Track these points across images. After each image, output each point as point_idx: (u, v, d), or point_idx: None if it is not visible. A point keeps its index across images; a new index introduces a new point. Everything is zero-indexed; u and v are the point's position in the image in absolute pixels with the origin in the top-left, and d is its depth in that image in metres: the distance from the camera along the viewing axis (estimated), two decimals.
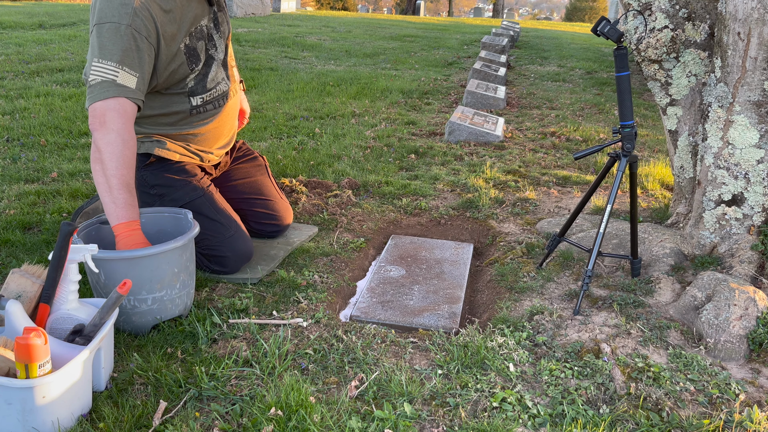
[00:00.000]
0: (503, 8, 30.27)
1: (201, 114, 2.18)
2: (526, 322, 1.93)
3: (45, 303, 1.55)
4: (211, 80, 2.17)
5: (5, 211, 2.70)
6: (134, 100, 1.86)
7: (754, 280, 2.08)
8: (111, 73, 1.82)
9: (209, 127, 2.22)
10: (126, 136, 1.82)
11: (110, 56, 1.82)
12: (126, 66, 1.84)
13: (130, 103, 1.85)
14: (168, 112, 2.10)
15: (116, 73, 1.83)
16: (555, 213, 2.92)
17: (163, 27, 1.94)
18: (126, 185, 1.80)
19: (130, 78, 1.85)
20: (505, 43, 9.26)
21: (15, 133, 3.90)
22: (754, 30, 2.04)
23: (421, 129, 4.62)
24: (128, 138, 1.83)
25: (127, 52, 1.84)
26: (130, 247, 1.78)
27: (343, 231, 2.67)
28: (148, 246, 1.80)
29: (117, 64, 1.83)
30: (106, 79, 1.82)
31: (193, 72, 2.08)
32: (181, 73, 2.04)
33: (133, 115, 1.86)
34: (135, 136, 1.86)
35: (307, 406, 1.47)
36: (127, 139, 1.82)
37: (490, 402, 1.55)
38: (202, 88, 2.14)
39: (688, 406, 1.56)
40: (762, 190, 2.18)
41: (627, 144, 1.98)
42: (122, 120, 1.82)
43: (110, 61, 1.82)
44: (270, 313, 1.97)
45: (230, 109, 2.30)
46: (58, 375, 1.32)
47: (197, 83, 2.12)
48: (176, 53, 2.01)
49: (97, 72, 1.82)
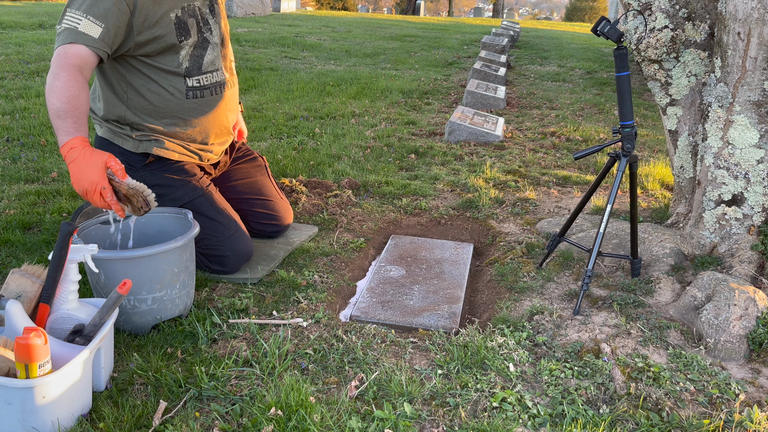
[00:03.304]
0: (503, 8, 30.27)
1: (197, 99, 2.16)
2: (526, 322, 1.93)
3: (45, 303, 1.55)
4: (207, 63, 2.17)
5: (5, 211, 2.70)
6: (95, 49, 1.88)
7: (754, 280, 2.08)
8: (74, 21, 1.86)
9: (207, 117, 2.21)
10: (73, 77, 1.83)
11: (78, 6, 1.86)
12: (91, 15, 1.86)
13: (88, 51, 1.87)
14: (167, 94, 2.09)
15: (79, 21, 1.85)
16: (555, 213, 2.92)
17: None
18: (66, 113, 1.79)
19: (93, 27, 1.87)
20: (505, 43, 9.26)
21: (15, 133, 3.91)
22: (754, 30, 2.04)
23: (421, 129, 4.62)
24: (76, 81, 1.84)
25: (95, 2, 1.87)
26: (76, 165, 1.74)
27: (343, 231, 2.67)
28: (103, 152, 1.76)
29: (83, 12, 1.86)
30: (69, 26, 1.86)
31: (183, 46, 2.08)
32: (168, 40, 2.04)
33: (89, 63, 1.89)
34: (85, 84, 1.88)
35: (307, 406, 1.47)
36: (73, 78, 1.83)
37: (490, 402, 1.55)
38: (197, 70, 2.14)
39: (688, 406, 1.56)
40: (762, 190, 2.18)
41: (627, 144, 1.98)
42: (74, 63, 1.84)
43: (77, 10, 1.86)
44: (270, 313, 1.97)
45: (228, 100, 2.29)
46: (58, 375, 1.32)
47: (192, 63, 2.12)
48: (161, 18, 2.00)
49: (65, 21, 1.86)
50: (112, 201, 1.74)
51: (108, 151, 2.17)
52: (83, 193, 1.75)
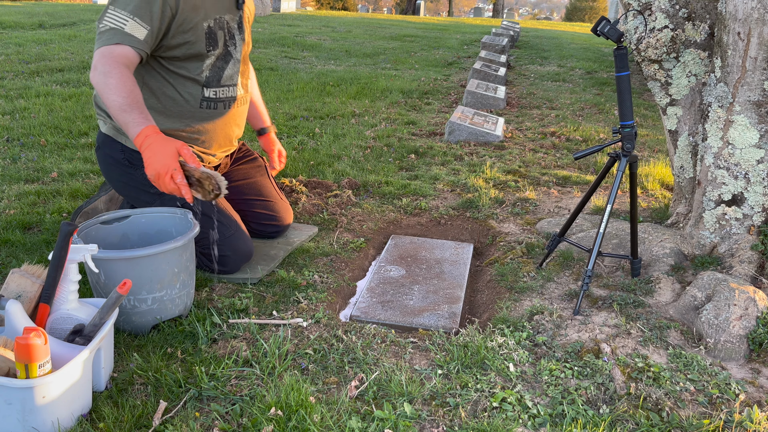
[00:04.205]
0: (503, 8, 30.27)
1: (209, 110, 2.19)
2: (526, 322, 1.93)
3: (45, 303, 1.55)
4: (227, 77, 2.20)
5: (5, 211, 2.70)
6: (139, 50, 1.91)
7: (754, 280, 2.08)
8: (120, 22, 1.88)
9: (215, 126, 2.22)
10: (125, 73, 1.86)
11: (125, 6, 1.88)
12: (138, 17, 1.89)
13: (133, 52, 1.90)
14: (180, 99, 2.11)
15: (125, 22, 1.88)
16: (555, 213, 2.92)
17: None
18: (130, 107, 1.81)
19: (138, 29, 1.90)
20: (505, 43, 9.26)
21: (15, 133, 3.90)
22: (754, 30, 2.04)
23: (421, 129, 4.62)
24: (128, 77, 1.86)
25: (142, 4, 1.89)
26: (153, 152, 1.75)
27: (343, 231, 2.67)
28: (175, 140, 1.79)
29: (129, 13, 1.88)
30: (115, 27, 1.87)
31: (209, 55, 2.11)
32: (196, 48, 2.06)
33: (134, 63, 1.91)
34: (135, 79, 1.89)
35: (307, 406, 1.47)
36: (124, 74, 1.85)
37: (490, 402, 1.55)
38: (216, 82, 2.17)
39: (688, 406, 1.56)
40: (762, 190, 2.18)
41: (627, 144, 1.98)
42: (122, 62, 1.87)
43: (123, 10, 1.88)
44: (270, 313, 1.97)
45: (238, 116, 2.32)
46: (58, 375, 1.32)
47: (212, 75, 2.15)
48: (195, 26, 2.04)
49: (109, 19, 1.88)
50: (182, 183, 1.76)
51: (110, 148, 2.18)
52: (155, 177, 1.76)
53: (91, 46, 7.52)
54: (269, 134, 2.58)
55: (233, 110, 2.28)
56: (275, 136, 2.59)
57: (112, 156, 2.19)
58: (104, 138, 2.21)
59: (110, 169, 2.23)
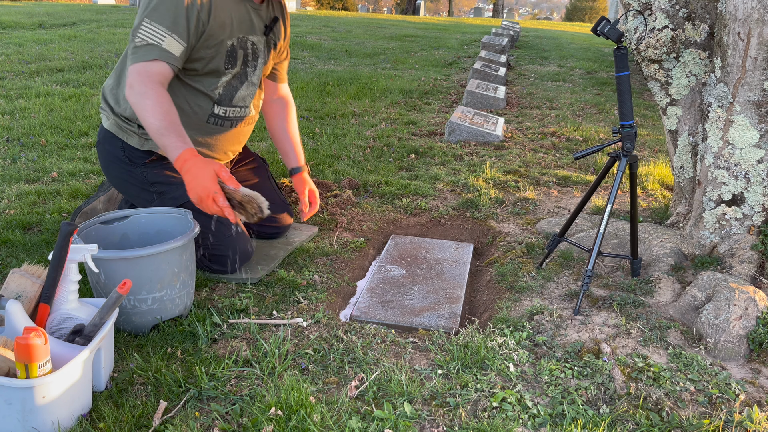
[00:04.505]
0: (503, 8, 30.28)
1: (215, 126, 2.21)
2: (526, 322, 1.93)
3: (45, 303, 1.55)
4: (239, 98, 2.22)
5: (5, 211, 2.70)
6: (174, 67, 1.92)
7: (754, 280, 2.08)
8: (158, 37, 1.88)
9: (217, 140, 2.25)
10: (161, 93, 1.87)
11: (161, 20, 1.88)
12: (175, 33, 1.90)
13: (169, 68, 1.91)
14: (189, 110, 2.12)
15: (163, 38, 1.88)
16: (555, 213, 2.92)
17: (217, 10, 1.99)
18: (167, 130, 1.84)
19: (175, 45, 1.91)
20: (505, 43, 9.26)
21: (15, 133, 3.91)
22: (754, 30, 2.04)
23: (421, 129, 4.62)
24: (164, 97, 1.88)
25: (179, 20, 1.89)
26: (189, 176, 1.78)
27: (343, 231, 2.67)
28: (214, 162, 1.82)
29: (166, 29, 1.88)
30: (152, 42, 1.88)
31: (226, 73, 2.12)
32: (215, 64, 2.07)
33: (169, 79, 1.93)
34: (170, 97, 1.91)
35: (307, 406, 1.47)
36: (160, 94, 1.87)
37: (490, 402, 1.55)
38: (228, 101, 2.18)
39: (688, 406, 1.56)
40: (762, 190, 2.18)
41: (627, 144, 1.98)
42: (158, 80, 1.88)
43: (160, 25, 1.88)
44: (270, 313, 1.97)
45: (242, 133, 2.34)
46: (58, 375, 1.32)
47: (225, 93, 2.16)
48: (220, 43, 2.05)
49: (145, 33, 1.88)
50: (224, 205, 1.80)
51: (111, 144, 2.18)
52: (197, 200, 1.81)
53: (91, 46, 7.52)
54: (302, 174, 2.46)
55: (239, 128, 2.30)
56: (308, 176, 2.49)
57: (112, 152, 2.19)
58: (105, 133, 2.20)
59: (110, 165, 2.23)
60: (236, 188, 1.82)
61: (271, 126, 2.49)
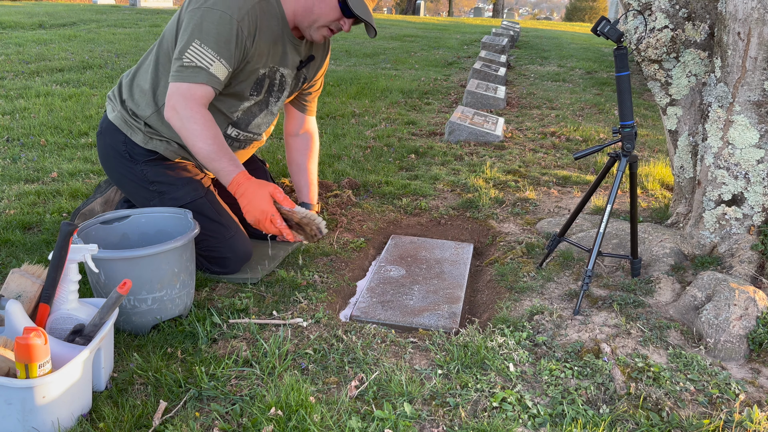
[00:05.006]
0: (503, 8, 30.28)
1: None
2: (526, 322, 1.93)
3: (45, 303, 1.55)
4: (254, 125, 2.24)
5: (5, 211, 2.70)
6: (216, 90, 1.96)
7: (754, 280, 2.08)
8: (207, 61, 1.90)
9: None
10: (207, 116, 1.91)
11: (211, 44, 1.90)
12: (223, 58, 1.92)
13: (212, 91, 1.94)
14: None
15: (212, 62, 1.91)
16: (555, 213, 2.92)
17: (260, 40, 2.01)
18: (218, 155, 1.90)
19: (222, 70, 1.93)
20: (505, 43, 9.26)
21: (15, 133, 3.91)
22: (754, 30, 2.05)
23: (421, 129, 4.62)
24: (210, 121, 1.92)
25: (227, 45, 1.91)
26: (245, 198, 1.86)
27: (343, 231, 2.67)
28: (269, 184, 1.89)
29: (216, 54, 1.91)
30: (200, 66, 1.90)
31: (249, 99, 2.14)
32: (240, 88, 2.09)
33: (210, 101, 1.96)
34: (212, 117, 1.95)
35: (307, 406, 1.47)
36: (207, 118, 1.91)
37: (490, 402, 1.55)
38: (243, 126, 2.21)
39: (688, 406, 1.56)
40: (762, 190, 2.18)
41: (627, 144, 1.98)
42: (202, 103, 1.92)
43: (210, 49, 1.90)
44: (270, 313, 1.97)
45: (247, 153, 2.38)
46: (58, 375, 1.32)
47: (243, 118, 2.18)
48: (254, 71, 2.07)
49: (195, 55, 1.90)
50: (282, 227, 1.87)
51: (112, 137, 2.18)
52: (255, 222, 1.88)
53: (91, 46, 7.52)
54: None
55: (246, 150, 2.33)
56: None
57: (113, 146, 2.19)
58: (109, 125, 2.20)
59: (109, 158, 2.22)
60: (292, 208, 1.88)
61: (291, 159, 2.50)
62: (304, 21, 2.04)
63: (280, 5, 2.03)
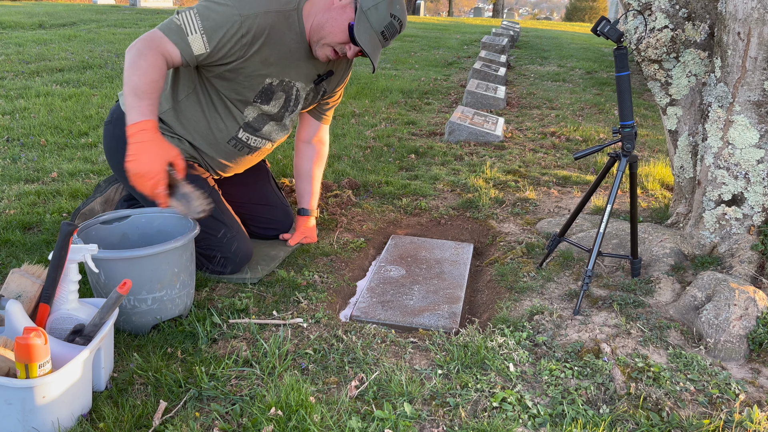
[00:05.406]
0: (503, 8, 30.29)
1: (234, 151, 2.23)
2: (526, 322, 1.93)
3: (45, 303, 1.55)
4: (266, 132, 2.24)
5: (5, 211, 2.70)
6: (185, 59, 1.91)
7: (754, 280, 2.08)
8: (189, 28, 1.88)
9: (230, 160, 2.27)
10: (158, 63, 1.85)
11: (203, 21, 1.89)
12: (206, 36, 1.90)
13: (179, 57, 1.90)
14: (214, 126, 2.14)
15: (194, 32, 1.88)
16: (555, 213, 2.92)
17: (265, 47, 1.99)
18: (144, 94, 1.81)
19: (199, 45, 1.90)
20: (505, 43, 9.26)
21: (15, 133, 3.91)
22: (754, 30, 2.04)
23: (421, 129, 4.62)
24: (160, 69, 1.86)
25: (217, 31, 1.90)
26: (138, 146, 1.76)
27: (343, 231, 2.67)
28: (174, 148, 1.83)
29: (201, 28, 1.89)
30: (180, 28, 1.88)
31: (254, 105, 2.13)
32: (245, 93, 2.08)
33: (173, 64, 1.91)
34: (165, 73, 1.90)
35: (307, 406, 1.47)
36: (157, 65, 1.85)
37: (490, 402, 1.55)
38: (254, 130, 2.20)
39: (688, 406, 1.56)
40: (762, 190, 2.18)
41: (627, 144, 1.98)
42: (164, 56, 1.87)
43: (200, 21, 1.89)
44: (270, 313, 1.97)
45: (255, 159, 2.37)
46: (58, 375, 1.32)
47: (254, 123, 2.18)
48: (257, 76, 2.05)
49: (184, 18, 1.89)
50: (161, 194, 1.78)
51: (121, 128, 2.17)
52: (137, 176, 1.76)
53: (91, 46, 7.52)
54: (308, 217, 2.50)
55: (254, 156, 2.32)
56: (314, 221, 2.53)
57: (121, 136, 2.17)
58: (120, 115, 2.18)
59: (115, 148, 2.20)
60: (182, 179, 1.82)
61: (298, 164, 2.50)
62: (314, 36, 2.04)
63: (301, 21, 2.03)
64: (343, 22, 1.98)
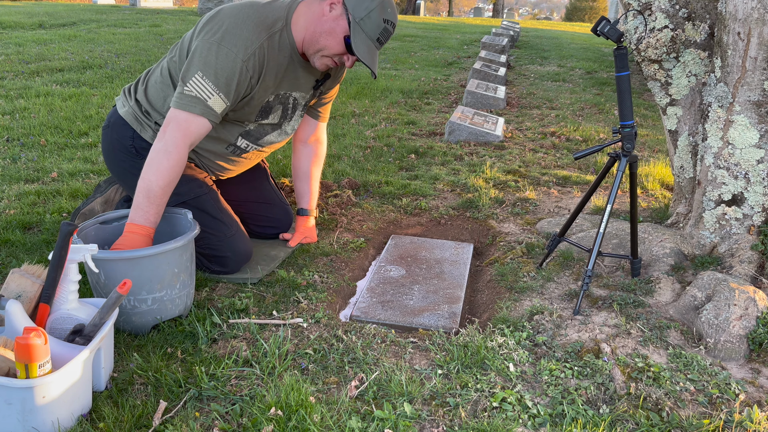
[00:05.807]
0: (503, 8, 30.28)
1: (233, 156, 2.25)
2: (526, 322, 1.93)
3: (45, 303, 1.55)
4: (266, 141, 2.26)
5: (5, 211, 2.70)
6: (213, 123, 1.96)
7: (754, 280, 2.08)
8: (206, 94, 1.91)
9: (228, 164, 2.28)
10: (181, 161, 1.90)
11: (213, 78, 1.91)
12: (223, 93, 1.93)
13: (208, 124, 1.94)
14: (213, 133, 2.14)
15: (211, 95, 1.92)
16: (555, 213, 2.92)
17: (266, 76, 2.02)
18: (155, 198, 1.87)
19: (219, 103, 1.94)
20: (505, 43, 9.26)
21: (15, 133, 3.91)
22: (754, 30, 2.04)
23: (421, 129, 4.62)
24: (179, 166, 1.91)
25: (229, 82, 1.93)
26: (125, 246, 1.83)
27: (343, 231, 2.67)
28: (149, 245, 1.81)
29: (216, 88, 1.92)
30: (199, 97, 1.90)
31: (254, 122, 2.16)
32: (244, 114, 2.11)
33: (204, 135, 1.96)
34: (185, 163, 1.94)
35: (307, 406, 1.47)
36: (179, 163, 1.90)
37: (490, 402, 1.55)
38: (254, 139, 2.22)
39: (688, 406, 1.56)
40: (762, 190, 2.18)
41: (627, 144, 1.98)
42: (192, 141, 1.93)
43: (211, 83, 1.91)
44: (270, 313, 1.97)
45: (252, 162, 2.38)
46: (58, 375, 1.32)
47: (254, 132, 2.20)
48: (259, 101, 2.09)
49: (195, 86, 1.91)
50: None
51: (120, 132, 2.20)
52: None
53: (91, 46, 7.52)
54: (308, 217, 2.51)
55: (252, 159, 2.34)
56: (313, 221, 2.54)
57: (119, 140, 2.19)
58: (117, 120, 2.20)
59: (113, 152, 2.22)
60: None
61: (297, 165, 2.50)
62: (309, 48, 2.05)
63: (290, 34, 2.03)
64: (339, 35, 1.98)
